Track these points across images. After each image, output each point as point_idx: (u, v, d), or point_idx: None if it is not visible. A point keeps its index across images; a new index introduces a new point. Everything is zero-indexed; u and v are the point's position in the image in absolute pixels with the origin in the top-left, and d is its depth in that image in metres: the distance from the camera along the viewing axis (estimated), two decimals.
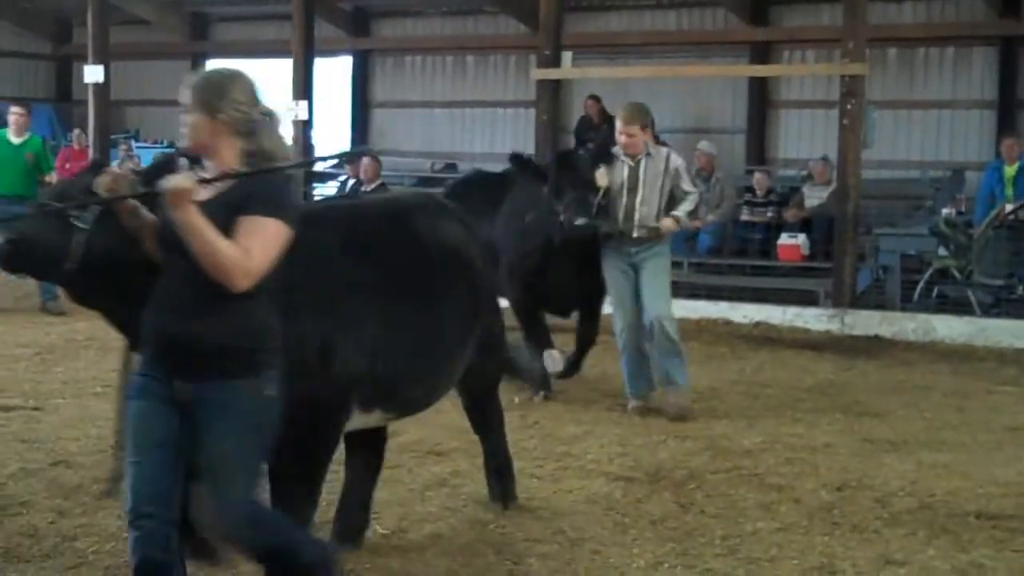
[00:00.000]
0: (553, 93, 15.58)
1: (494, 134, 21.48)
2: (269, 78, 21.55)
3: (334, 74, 22.66)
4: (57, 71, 25.95)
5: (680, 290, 14.10)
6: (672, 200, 9.17)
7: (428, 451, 7.79)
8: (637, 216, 9.06)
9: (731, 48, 19.89)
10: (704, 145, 16.33)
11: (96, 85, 17.80)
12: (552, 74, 15.35)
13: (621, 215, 9.08)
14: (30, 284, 13.14)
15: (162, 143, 22.53)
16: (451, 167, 21.45)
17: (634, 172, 9.08)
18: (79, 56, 20.94)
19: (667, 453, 7.96)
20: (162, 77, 24.33)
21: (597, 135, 18.44)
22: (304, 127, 16.94)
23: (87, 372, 10.25)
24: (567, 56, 15.43)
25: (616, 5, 20.60)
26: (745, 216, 16.13)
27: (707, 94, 19.89)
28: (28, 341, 11.76)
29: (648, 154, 9.10)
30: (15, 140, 13.84)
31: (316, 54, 17.52)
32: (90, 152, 18.21)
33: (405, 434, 8.06)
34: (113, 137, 20.13)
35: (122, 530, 5.97)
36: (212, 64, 24.08)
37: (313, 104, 17.12)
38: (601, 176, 8.92)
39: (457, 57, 22.27)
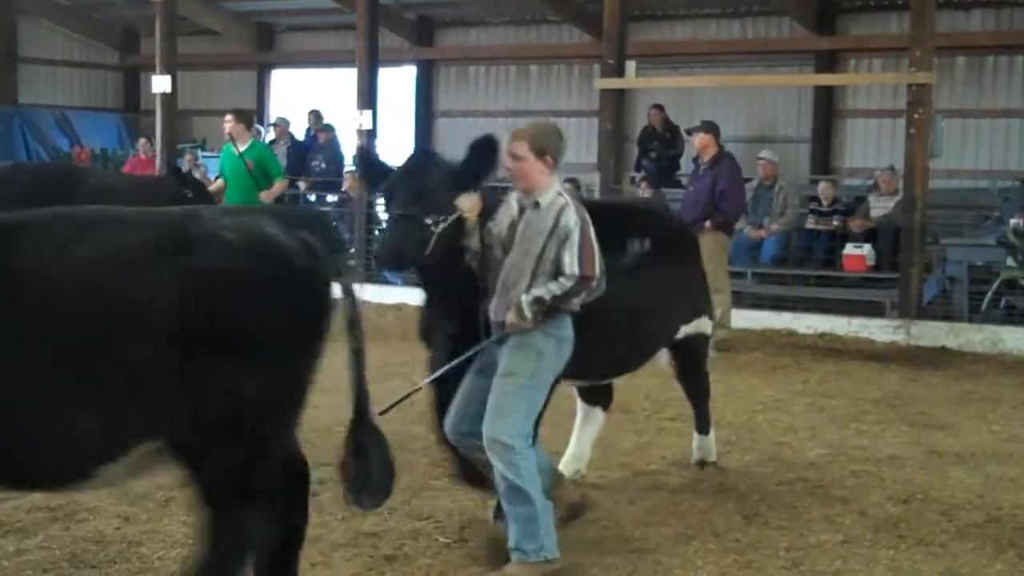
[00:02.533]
0: (617, 102, 15.58)
1: None
2: (334, 87, 22.05)
3: (398, 83, 22.76)
4: (125, 81, 26.24)
5: (744, 300, 14.08)
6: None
7: None
8: (499, 291, 5.82)
9: (796, 57, 19.77)
10: (767, 153, 16.21)
11: (163, 95, 17.99)
12: (616, 83, 15.34)
13: (489, 286, 5.91)
14: None
15: None
16: None
17: (514, 224, 5.84)
18: (147, 66, 21.16)
19: (731, 464, 7.94)
20: (229, 87, 24.72)
21: (660, 144, 18.44)
22: (368, 136, 17.02)
23: None
24: (631, 65, 15.42)
25: (680, 14, 20.53)
26: (810, 225, 16.01)
27: (772, 103, 19.79)
28: None
29: (536, 203, 5.78)
30: (238, 148, 12.72)
31: (380, 64, 17.60)
32: (157, 161, 18.40)
33: None
34: (180, 146, 20.32)
35: (188, 536, 6.05)
36: (278, 74, 24.46)
37: (377, 113, 17.21)
38: (467, 202, 5.85)
39: (521, 66, 22.28)
